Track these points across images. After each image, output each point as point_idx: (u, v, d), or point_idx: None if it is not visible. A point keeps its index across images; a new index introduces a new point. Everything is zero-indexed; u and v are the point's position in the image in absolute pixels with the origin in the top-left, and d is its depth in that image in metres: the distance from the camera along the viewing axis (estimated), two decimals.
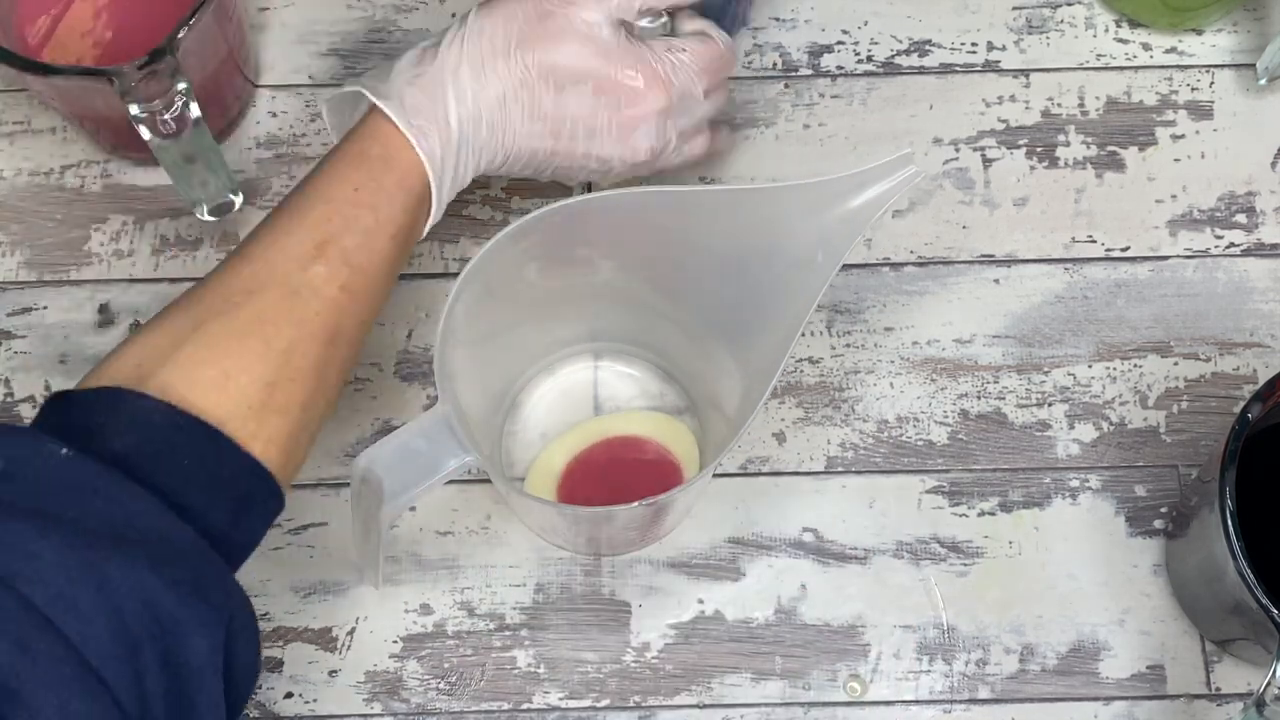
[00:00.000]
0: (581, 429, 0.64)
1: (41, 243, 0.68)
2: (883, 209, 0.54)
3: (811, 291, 0.53)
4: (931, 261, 0.68)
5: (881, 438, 0.66)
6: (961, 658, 0.63)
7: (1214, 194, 0.69)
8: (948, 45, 0.71)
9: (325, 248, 0.52)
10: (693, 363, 0.63)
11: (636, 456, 0.64)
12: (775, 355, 0.53)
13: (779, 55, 0.71)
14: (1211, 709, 0.62)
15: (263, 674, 0.62)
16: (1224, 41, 0.71)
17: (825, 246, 0.54)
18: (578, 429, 0.64)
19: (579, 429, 0.64)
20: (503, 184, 0.69)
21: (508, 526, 0.65)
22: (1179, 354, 0.67)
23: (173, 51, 0.58)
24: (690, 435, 0.64)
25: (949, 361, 0.67)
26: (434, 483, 0.52)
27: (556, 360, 0.65)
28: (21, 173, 0.69)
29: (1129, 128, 0.70)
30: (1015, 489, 0.65)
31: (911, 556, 0.64)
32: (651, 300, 0.60)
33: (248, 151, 0.70)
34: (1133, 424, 0.66)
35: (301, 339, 0.50)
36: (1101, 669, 0.63)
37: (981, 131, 0.70)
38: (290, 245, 0.52)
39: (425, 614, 0.63)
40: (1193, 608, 0.63)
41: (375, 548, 0.55)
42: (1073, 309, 0.67)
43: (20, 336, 0.67)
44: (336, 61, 0.71)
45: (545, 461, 0.64)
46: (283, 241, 0.52)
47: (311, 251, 0.52)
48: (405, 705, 0.62)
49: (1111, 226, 0.69)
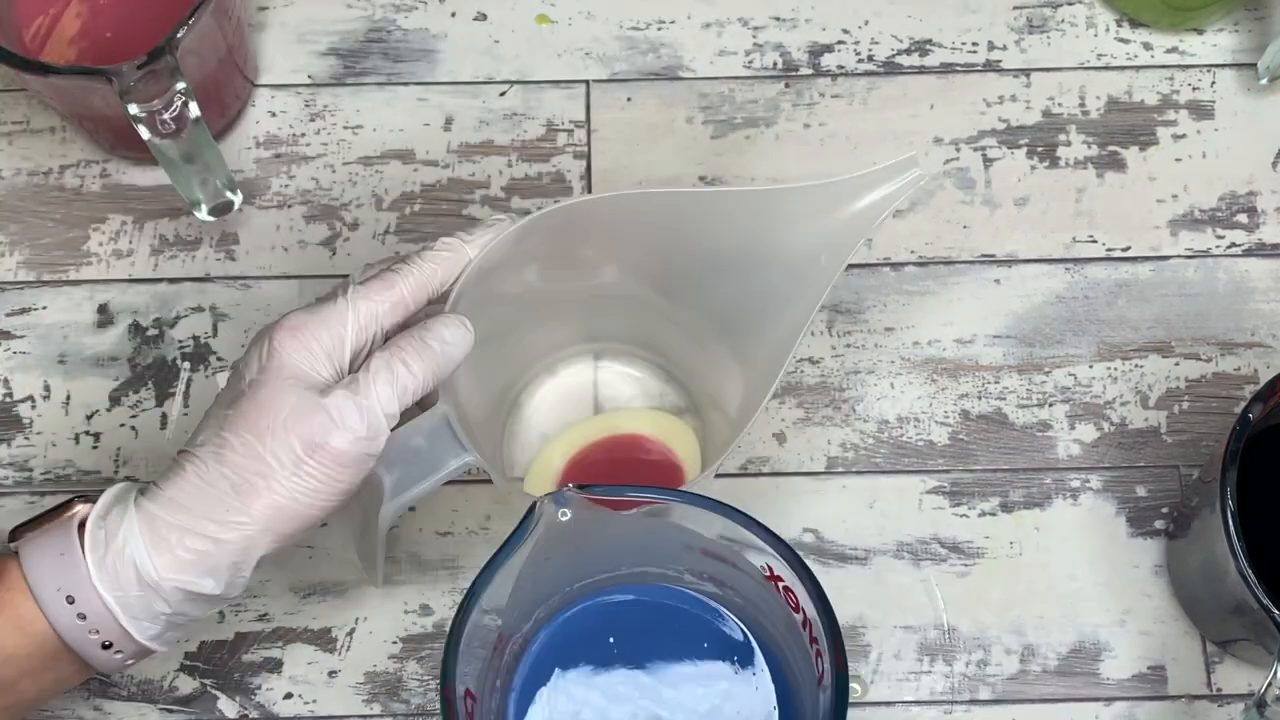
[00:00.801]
0: (581, 427, 0.64)
1: (40, 243, 0.68)
2: (886, 212, 0.54)
3: (814, 293, 0.53)
4: (932, 261, 0.68)
5: (882, 438, 0.65)
6: (962, 658, 0.63)
7: (1215, 194, 0.69)
8: (948, 45, 0.71)
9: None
10: (694, 363, 0.63)
11: (638, 456, 0.64)
12: (778, 356, 0.53)
13: (779, 55, 0.71)
14: (1212, 710, 0.62)
15: (263, 674, 0.62)
16: (1225, 41, 0.71)
17: (828, 249, 0.54)
18: (577, 427, 0.64)
19: (579, 427, 0.64)
20: (502, 183, 0.69)
21: (508, 527, 0.64)
22: (1180, 354, 0.67)
23: (172, 51, 0.58)
24: (692, 434, 0.64)
25: (950, 362, 0.67)
26: (434, 482, 0.52)
27: (557, 361, 0.65)
28: (20, 172, 0.69)
29: (1130, 127, 0.70)
30: (1016, 489, 0.65)
31: (912, 557, 0.64)
32: (652, 301, 0.60)
33: (247, 151, 0.69)
34: (1134, 424, 0.66)
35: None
36: (1102, 669, 0.62)
37: (982, 131, 0.70)
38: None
39: (425, 614, 0.63)
40: (1194, 608, 0.63)
41: (375, 547, 0.55)
42: (1074, 309, 0.67)
43: (19, 336, 0.67)
44: (336, 61, 0.71)
45: (544, 460, 0.64)
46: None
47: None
48: (405, 706, 0.62)
49: (1112, 226, 0.69)
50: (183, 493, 0.48)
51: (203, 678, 0.62)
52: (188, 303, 0.67)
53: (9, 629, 0.48)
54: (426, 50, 0.71)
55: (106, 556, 0.48)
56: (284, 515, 0.48)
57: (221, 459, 0.48)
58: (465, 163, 0.69)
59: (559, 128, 0.70)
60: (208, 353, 0.66)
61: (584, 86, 0.71)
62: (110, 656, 0.49)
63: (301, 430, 0.48)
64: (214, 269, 0.68)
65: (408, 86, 0.70)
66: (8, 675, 0.49)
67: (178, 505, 0.48)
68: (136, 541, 0.48)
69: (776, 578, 0.50)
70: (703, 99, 0.70)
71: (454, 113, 0.70)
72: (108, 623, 0.48)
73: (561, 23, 0.71)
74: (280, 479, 0.48)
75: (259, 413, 0.48)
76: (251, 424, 0.48)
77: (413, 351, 0.50)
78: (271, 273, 0.68)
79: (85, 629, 0.48)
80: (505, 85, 0.71)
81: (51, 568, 0.48)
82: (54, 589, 0.48)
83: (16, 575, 0.49)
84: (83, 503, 0.50)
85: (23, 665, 0.49)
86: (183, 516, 0.48)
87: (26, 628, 0.48)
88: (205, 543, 0.48)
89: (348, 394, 0.49)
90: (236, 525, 0.48)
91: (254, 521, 0.48)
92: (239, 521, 0.48)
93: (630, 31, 0.71)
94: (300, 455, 0.48)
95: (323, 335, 0.49)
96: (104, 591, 0.48)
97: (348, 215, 0.68)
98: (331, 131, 0.70)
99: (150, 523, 0.48)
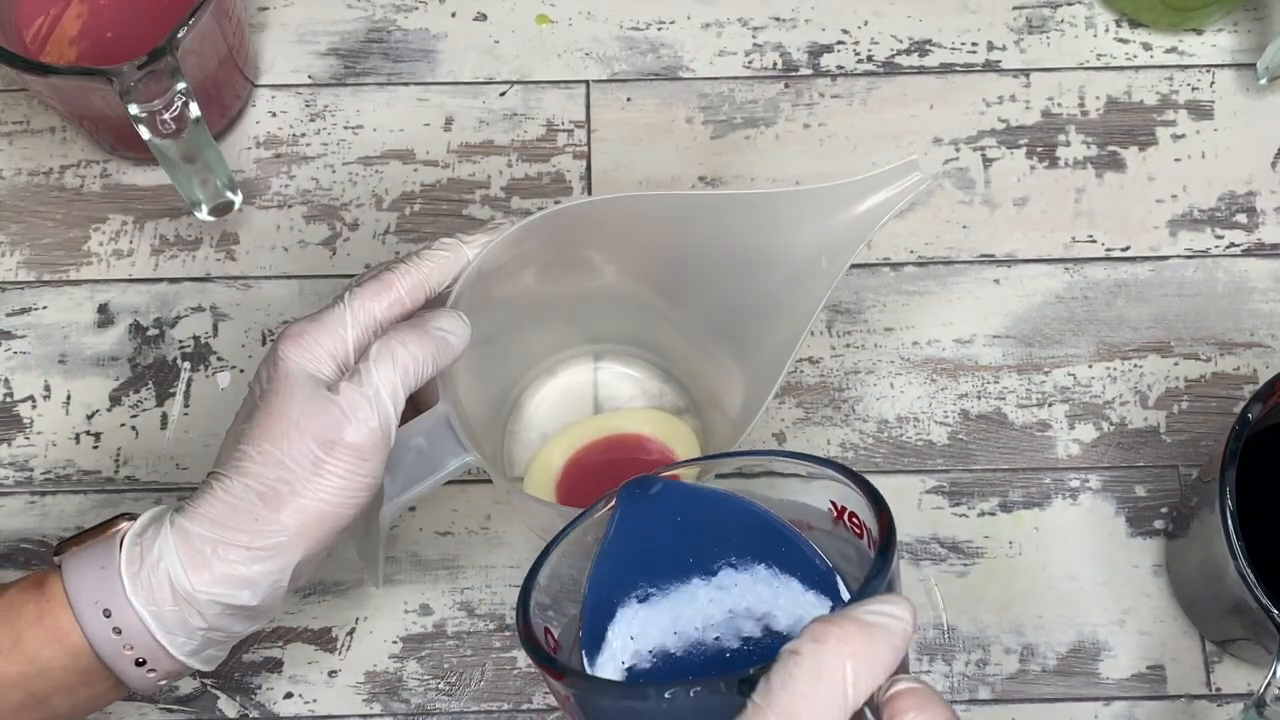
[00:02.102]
0: (580, 427, 0.64)
1: (41, 243, 0.68)
2: (888, 215, 0.54)
3: (815, 295, 0.53)
4: (932, 261, 0.68)
5: (881, 438, 0.65)
6: (961, 658, 0.63)
7: (1214, 194, 0.69)
8: (948, 45, 0.71)
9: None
10: (694, 364, 0.63)
11: (638, 456, 0.64)
12: (779, 358, 0.53)
13: (779, 55, 0.71)
14: (1212, 709, 0.62)
15: (263, 674, 0.62)
16: (1224, 41, 0.71)
17: (829, 252, 0.54)
18: (577, 427, 0.64)
19: (578, 427, 0.64)
20: (502, 183, 0.69)
21: (508, 526, 0.65)
22: (1179, 354, 0.67)
23: (172, 51, 0.58)
24: (691, 433, 0.64)
25: (949, 361, 0.67)
26: (435, 482, 0.52)
27: (558, 362, 0.65)
28: (21, 172, 0.69)
29: (1129, 127, 0.70)
30: (1015, 489, 0.65)
31: (911, 556, 0.64)
32: (653, 302, 0.60)
33: (247, 151, 0.70)
34: (1133, 424, 0.66)
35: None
36: (1102, 669, 0.63)
37: (982, 131, 0.70)
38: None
39: (425, 614, 0.63)
40: (1193, 608, 0.63)
41: (376, 547, 0.55)
42: (1073, 309, 0.67)
43: (20, 336, 0.67)
44: (336, 61, 0.71)
45: (544, 459, 0.64)
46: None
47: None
48: (405, 706, 0.62)
49: (1112, 226, 0.69)
50: (213, 508, 0.49)
51: (203, 677, 0.62)
52: (188, 303, 0.67)
53: (46, 640, 0.49)
54: (426, 50, 0.71)
55: (141, 571, 0.48)
56: (314, 518, 0.49)
57: (244, 471, 0.49)
58: (465, 163, 0.69)
59: (559, 128, 0.70)
60: (208, 353, 0.66)
61: (584, 86, 0.71)
62: (144, 675, 0.50)
63: (315, 429, 0.48)
64: (214, 269, 0.68)
65: (408, 86, 0.71)
66: (42, 688, 0.49)
67: (210, 520, 0.48)
68: (171, 556, 0.48)
69: (841, 510, 0.48)
70: (703, 99, 0.70)
71: (454, 113, 0.70)
72: (143, 638, 0.49)
73: (561, 23, 0.72)
74: (304, 482, 0.48)
75: (272, 420, 0.49)
76: (267, 432, 0.48)
77: (410, 334, 0.50)
78: (272, 273, 0.68)
79: (120, 644, 0.49)
80: (505, 85, 0.71)
81: (90, 581, 0.49)
82: (91, 601, 0.48)
83: (58, 588, 0.49)
84: (128, 519, 0.50)
85: (58, 679, 0.49)
86: (215, 530, 0.48)
87: (63, 640, 0.49)
88: (239, 553, 0.48)
89: (353, 385, 0.49)
90: (267, 534, 0.48)
91: (284, 529, 0.48)
92: (269, 530, 0.48)
93: (630, 32, 0.71)
94: (319, 455, 0.48)
95: (324, 338, 0.50)
96: (139, 605, 0.48)
97: (348, 215, 0.68)
98: (331, 131, 0.70)
99: (185, 538, 0.48)
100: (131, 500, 0.64)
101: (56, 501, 0.64)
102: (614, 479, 0.63)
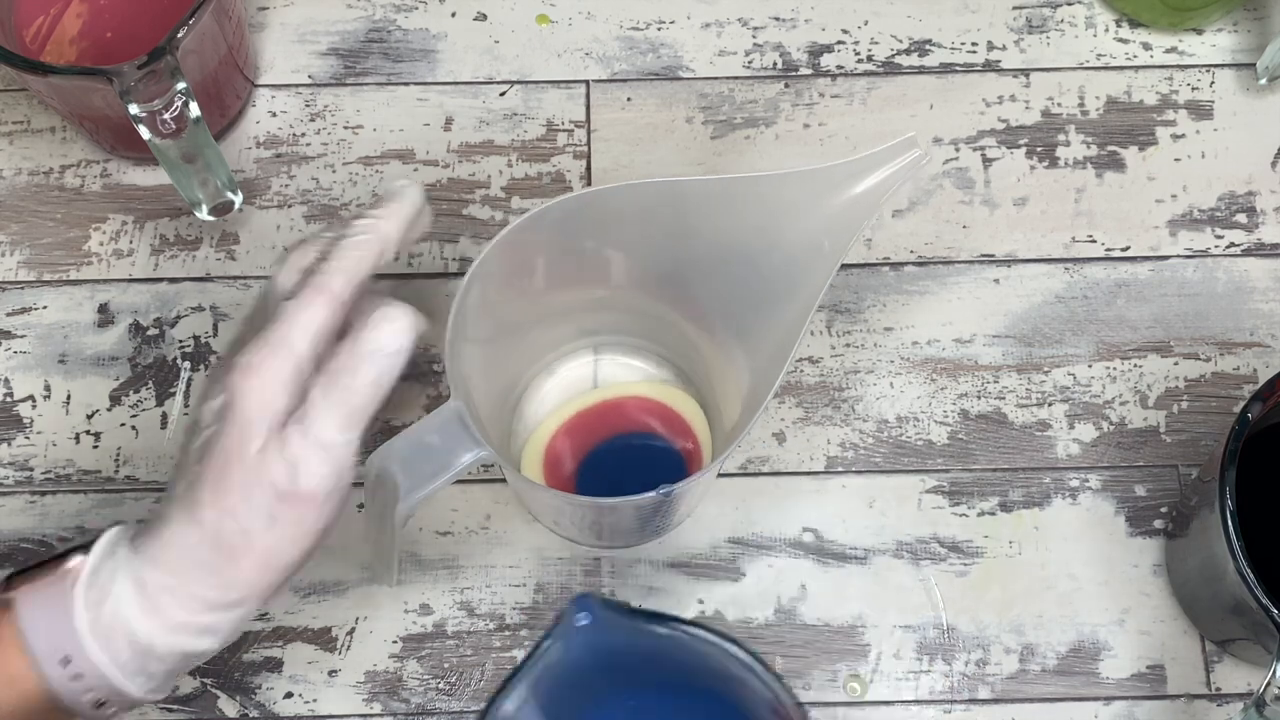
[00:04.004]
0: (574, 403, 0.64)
1: (41, 242, 0.68)
2: (887, 194, 0.53)
3: (819, 279, 0.53)
4: (931, 261, 0.68)
5: (881, 438, 0.66)
6: (961, 658, 0.63)
7: (1214, 194, 0.69)
8: (948, 45, 0.71)
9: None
10: (698, 355, 0.63)
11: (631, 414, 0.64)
12: (784, 344, 0.52)
13: (779, 55, 0.71)
14: (1211, 709, 0.62)
15: (263, 673, 0.62)
16: (1224, 41, 0.71)
17: (830, 234, 0.53)
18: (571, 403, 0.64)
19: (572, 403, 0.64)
20: (502, 183, 0.69)
21: (508, 526, 0.65)
22: (1179, 354, 0.67)
23: (172, 51, 0.58)
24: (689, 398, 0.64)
25: (949, 361, 0.67)
26: (448, 478, 0.52)
27: (561, 356, 0.65)
28: (21, 172, 0.69)
29: (1129, 127, 0.70)
30: (1015, 489, 0.65)
31: (911, 556, 0.64)
32: (656, 293, 0.60)
33: (247, 151, 0.70)
34: (1133, 424, 0.66)
35: None
36: (1101, 669, 0.63)
37: (981, 131, 0.70)
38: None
39: (425, 614, 0.63)
40: (1193, 608, 0.63)
41: (390, 546, 0.55)
42: (1073, 309, 0.67)
43: (20, 336, 0.67)
44: (336, 61, 0.71)
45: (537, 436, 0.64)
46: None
47: None
48: (405, 705, 0.62)
49: (1111, 226, 0.69)
50: (166, 553, 0.47)
51: (203, 677, 0.62)
52: (188, 302, 0.67)
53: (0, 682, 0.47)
54: (426, 50, 0.71)
55: (100, 618, 0.47)
56: (270, 566, 0.47)
57: (200, 521, 0.47)
58: (465, 163, 0.69)
59: (559, 128, 0.70)
60: (208, 352, 0.67)
61: (584, 86, 0.71)
62: (103, 714, 0.49)
63: (270, 479, 0.46)
64: (214, 269, 0.68)
65: (408, 86, 0.71)
66: None
67: (165, 567, 0.47)
68: (129, 604, 0.47)
69: None
70: (703, 99, 0.70)
71: (454, 113, 0.70)
72: (103, 682, 0.47)
73: (561, 23, 0.72)
74: (260, 533, 0.47)
75: (228, 466, 0.47)
76: (221, 479, 0.47)
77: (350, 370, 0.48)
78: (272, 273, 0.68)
79: (80, 689, 0.47)
80: (505, 85, 0.71)
81: (46, 627, 0.47)
82: (48, 648, 0.47)
83: (9, 631, 0.47)
84: (80, 553, 0.49)
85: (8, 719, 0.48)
86: (172, 577, 0.47)
87: (17, 684, 0.47)
88: (195, 603, 0.47)
89: (303, 433, 0.47)
90: (226, 585, 0.47)
91: (243, 580, 0.47)
92: (228, 581, 0.47)
93: (630, 31, 0.71)
94: (275, 506, 0.47)
95: (276, 366, 0.47)
96: (99, 654, 0.47)
97: (348, 215, 0.68)
98: (332, 131, 0.70)
99: (139, 586, 0.47)
100: (132, 500, 0.64)
101: (56, 501, 0.64)
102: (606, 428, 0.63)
